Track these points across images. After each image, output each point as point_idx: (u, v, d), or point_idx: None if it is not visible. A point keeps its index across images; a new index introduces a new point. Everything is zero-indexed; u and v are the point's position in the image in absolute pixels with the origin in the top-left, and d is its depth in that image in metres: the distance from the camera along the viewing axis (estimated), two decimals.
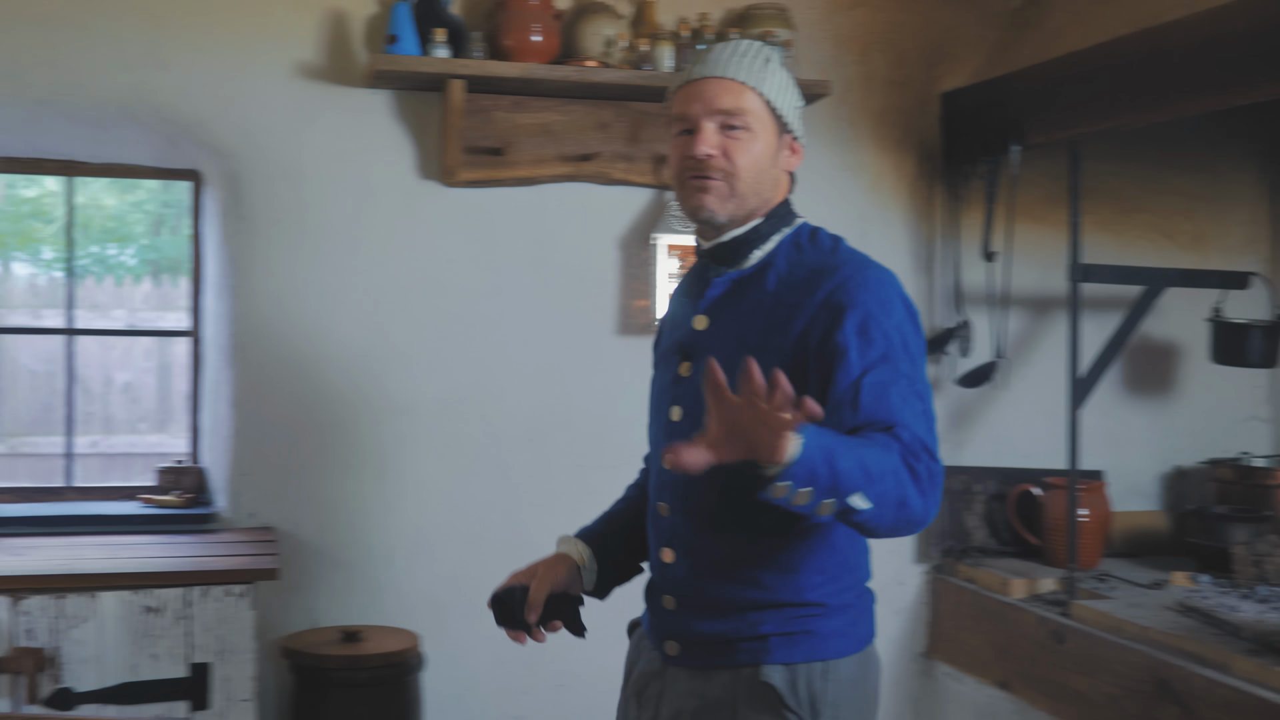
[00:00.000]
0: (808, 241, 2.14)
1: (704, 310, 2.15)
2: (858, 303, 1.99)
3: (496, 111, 3.83)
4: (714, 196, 2.07)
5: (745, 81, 2.07)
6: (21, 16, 3.61)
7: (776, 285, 2.08)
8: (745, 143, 2.07)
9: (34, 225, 6.35)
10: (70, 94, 3.66)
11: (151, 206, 7.07)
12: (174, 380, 7.20)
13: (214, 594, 3.17)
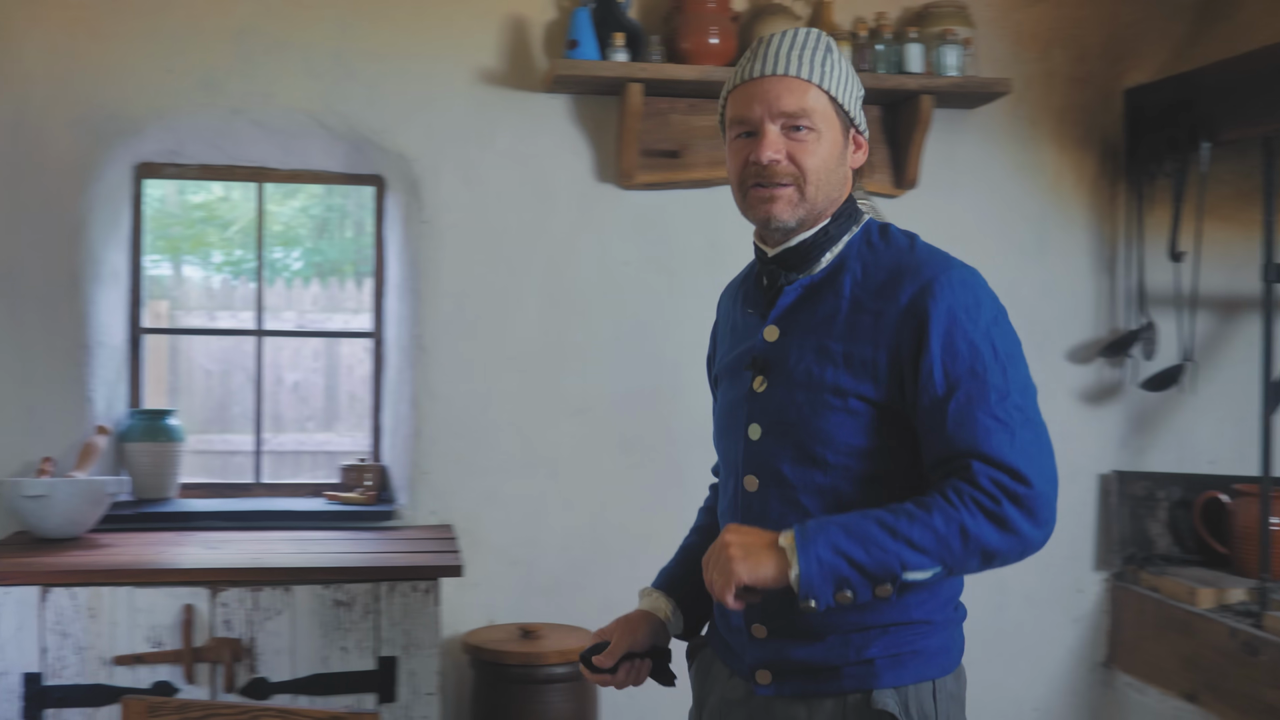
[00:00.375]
0: (879, 239, 1.99)
1: (775, 320, 2.00)
2: (942, 310, 1.86)
3: (673, 114, 3.85)
4: (783, 204, 1.94)
5: (809, 78, 1.92)
6: (219, 30, 3.74)
7: (853, 289, 1.94)
8: (812, 144, 1.93)
9: (205, 230, 6.57)
10: (262, 103, 3.78)
11: (317, 211, 7.26)
12: (340, 380, 7.39)
13: (401, 589, 3.24)
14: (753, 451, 1.99)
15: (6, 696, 3.08)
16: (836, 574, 1.75)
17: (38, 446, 3.71)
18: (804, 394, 1.93)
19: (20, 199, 3.68)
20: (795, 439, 1.94)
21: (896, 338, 1.88)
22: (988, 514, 1.78)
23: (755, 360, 2.01)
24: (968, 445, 1.81)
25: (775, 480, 1.97)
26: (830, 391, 1.91)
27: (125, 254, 3.97)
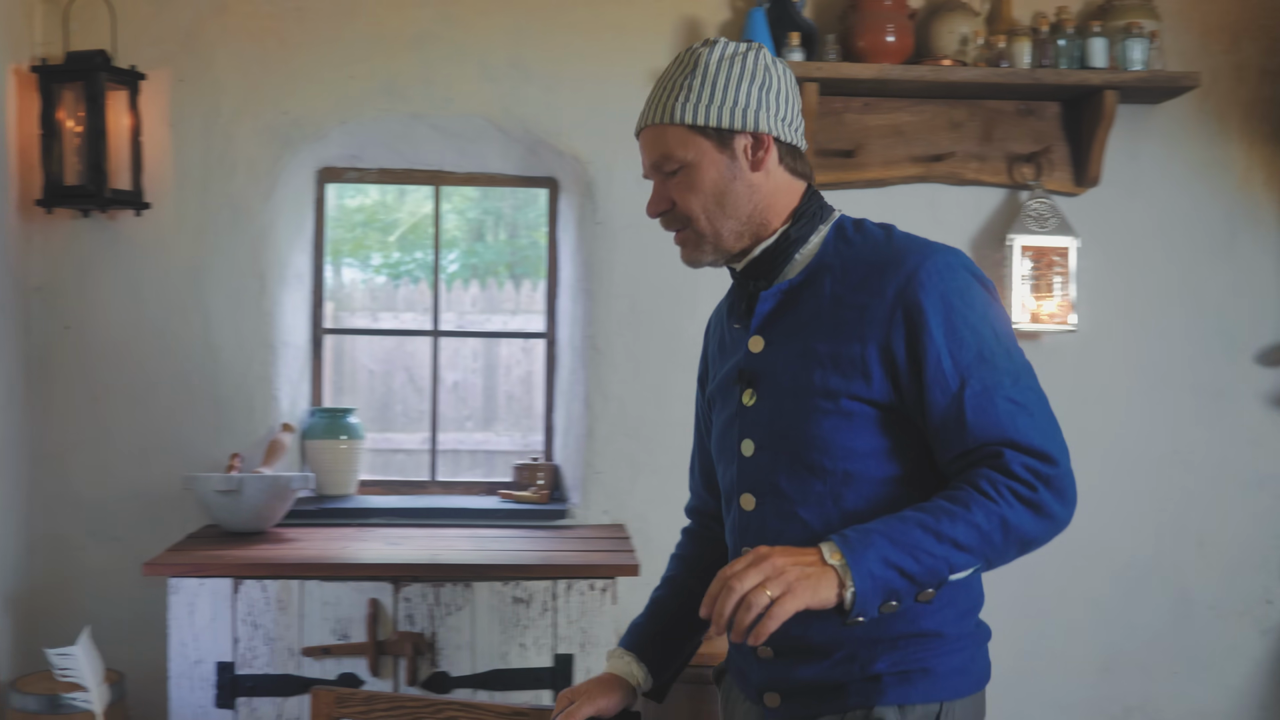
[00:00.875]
0: (854, 233, 1.91)
1: (757, 330, 1.93)
2: (936, 298, 1.78)
3: (848, 113, 3.82)
4: (689, 249, 1.96)
5: (659, 121, 1.89)
6: (399, 37, 3.82)
7: (833, 287, 1.86)
8: (685, 183, 1.89)
9: (365, 234, 6.72)
10: (440, 107, 3.85)
11: (473, 214, 7.37)
12: (499, 380, 7.49)
13: (578, 587, 3.27)
14: (747, 468, 1.92)
15: (201, 684, 3.19)
16: (888, 587, 1.66)
17: (226, 443, 3.83)
18: (792, 401, 1.86)
19: (210, 203, 3.81)
20: (789, 449, 1.86)
21: (886, 331, 1.80)
22: (1025, 502, 1.71)
23: (742, 373, 1.94)
24: (995, 434, 1.74)
25: (772, 495, 1.89)
26: (819, 395, 1.83)
27: (308, 256, 4.08)
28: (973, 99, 3.83)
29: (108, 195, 3.61)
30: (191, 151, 3.80)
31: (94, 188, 3.59)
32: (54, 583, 3.80)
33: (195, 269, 3.82)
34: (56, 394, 3.81)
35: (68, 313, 3.80)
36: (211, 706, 3.19)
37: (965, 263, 1.84)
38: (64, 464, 3.81)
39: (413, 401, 6.52)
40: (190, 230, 3.81)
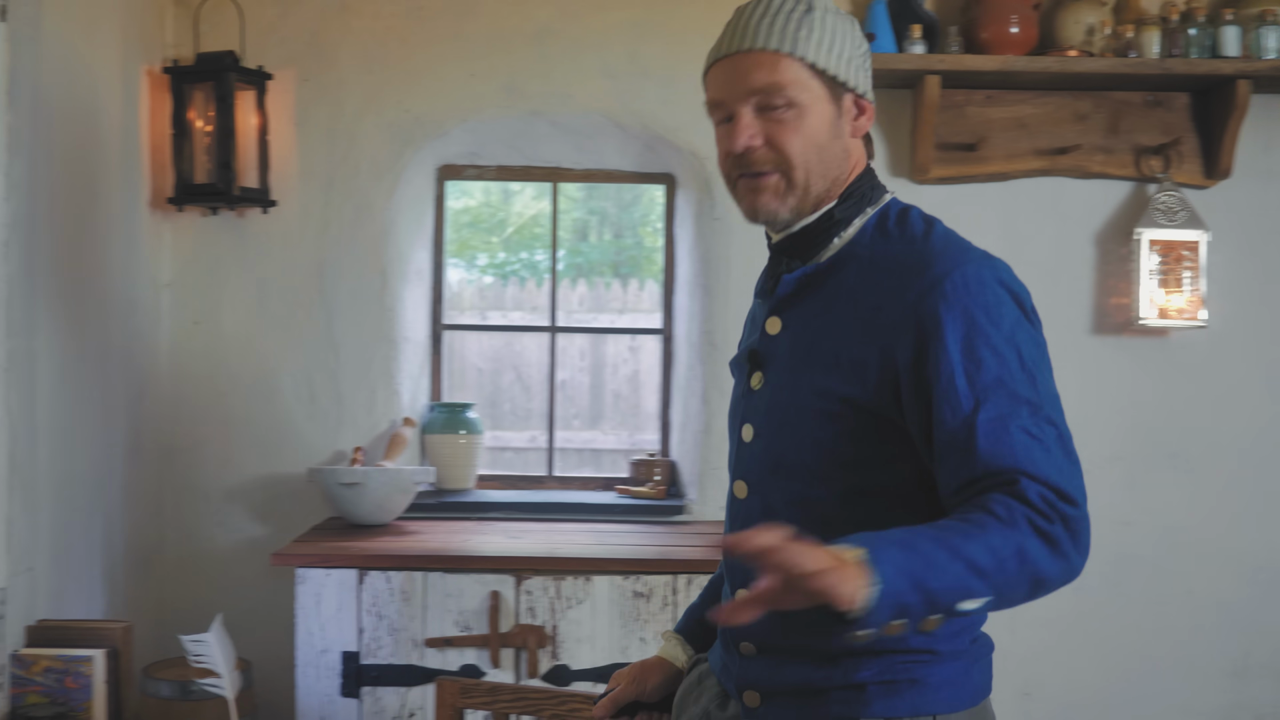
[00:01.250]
0: (895, 226, 1.75)
1: (775, 311, 1.79)
2: (957, 312, 1.60)
3: (969, 106, 3.77)
4: (769, 195, 1.72)
5: (779, 48, 1.69)
6: (519, 34, 3.85)
7: (856, 281, 1.71)
8: (792, 123, 1.69)
9: (471, 234, 6.79)
10: (560, 104, 3.88)
11: (578, 214, 7.41)
12: (606, 379, 7.52)
13: (699, 582, 3.26)
14: (744, 454, 1.80)
15: (327, 673, 3.24)
16: (899, 603, 1.42)
17: (349, 437, 3.89)
18: (790, 394, 1.73)
19: (335, 200, 3.87)
20: (781, 443, 1.73)
21: (893, 337, 1.63)
22: (1041, 535, 1.50)
23: (754, 355, 1.81)
24: (1008, 463, 1.54)
25: (760, 488, 1.77)
26: (815, 392, 1.69)
27: (428, 253, 4.13)
28: (1099, 90, 3.75)
29: (236, 193, 3.69)
30: (316, 150, 3.87)
31: (223, 186, 3.67)
32: (184, 573, 3.88)
33: (319, 265, 3.88)
34: (186, 388, 3.90)
35: (197, 308, 3.89)
36: (337, 695, 3.24)
37: (1002, 275, 1.66)
38: (193, 457, 3.90)
39: (520, 400, 6.57)
40: (315, 227, 3.88)
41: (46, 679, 2.83)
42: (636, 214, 6.90)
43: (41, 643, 2.90)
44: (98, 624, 2.97)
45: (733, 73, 1.71)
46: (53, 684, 2.83)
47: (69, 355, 3.16)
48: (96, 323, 3.35)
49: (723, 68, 1.73)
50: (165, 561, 3.87)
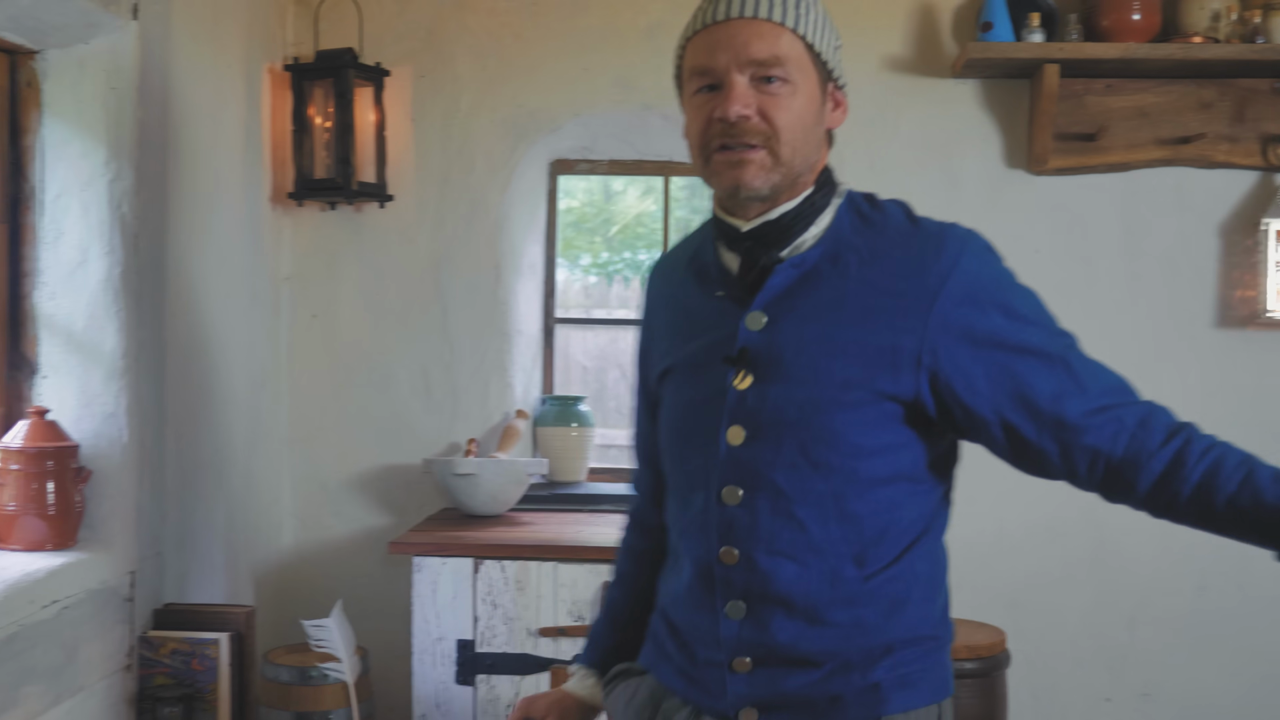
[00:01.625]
0: (871, 210, 1.73)
1: (762, 306, 1.71)
2: (988, 281, 1.66)
3: (1089, 96, 3.70)
4: (755, 169, 1.64)
5: (783, 21, 1.63)
6: (631, 28, 3.87)
7: (862, 270, 1.66)
8: (786, 99, 1.64)
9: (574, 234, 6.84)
10: (671, 98, 3.83)
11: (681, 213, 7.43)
12: None
13: None
14: (736, 458, 1.70)
15: (443, 661, 3.28)
16: None
17: (463, 428, 3.94)
18: (807, 390, 1.66)
19: (450, 195, 3.92)
20: (797, 441, 1.67)
21: (930, 321, 1.62)
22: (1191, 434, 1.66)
23: (742, 353, 1.71)
24: (1110, 396, 1.64)
25: (767, 489, 1.69)
26: (839, 386, 1.65)
27: (540, 247, 4.16)
28: (1224, 78, 3.67)
29: (354, 188, 3.75)
30: (432, 145, 3.92)
31: (342, 180, 3.73)
32: (303, 561, 3.96)
33: (435, 259, 3.93)
34: (304, 379, 3.97)
35: (315, 301, 3.96)
36: (452, 683, 3.28)
37: (986, 240, 1.74)
38: (311, 447, 3.97)
39: (625, 398, 6.59)
40: (430, 221, 3.93)
41: (173, 661, 2.90)
42: None
43: (168, 625, 2.97)
44: (222, 608, 3.04)
45: (729, 39, 1.64)
46: (179, 666, 2.90)
47: (194, 346, 3.24)
48: (220, 315, 3.43)
49: (714, 34, 1.65)
50: (284, 550, 3.95)
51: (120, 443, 2.86)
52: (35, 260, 2.87)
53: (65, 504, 2.73)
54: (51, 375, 2.87)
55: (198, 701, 2.89)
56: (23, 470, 2.67)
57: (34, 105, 2.85)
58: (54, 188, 2.85)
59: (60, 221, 2.86)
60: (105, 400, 2.86)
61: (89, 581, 2.71)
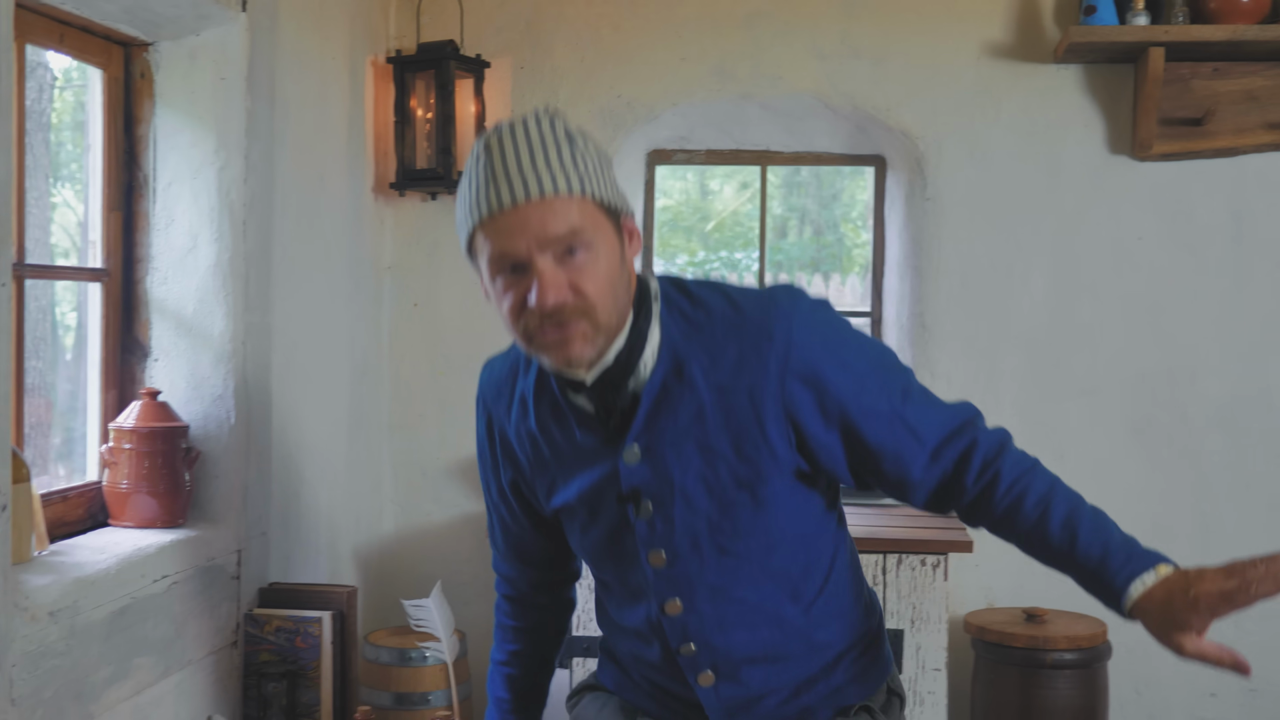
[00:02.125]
0: (693, 309, 1.76)
1: (632, 441, 1.77)
2: (819, 350, 1.72)
3: (1195, 80, 3.64)
4: (580, 343, 1.67)
5: (569, 191, 1.63)
6: (729, 17, 3.88)
7: (707, 377, 1.73)
8: (591, 266, 1.65)
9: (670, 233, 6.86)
10: (769, 86, 3.89)
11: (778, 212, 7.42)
12: None
13: (909, 563, 3.23)
14: (666, 576, 1.82)
15: None
16: None
17: None
18: (704, 502, 1.77)
19: None
20: (714, 546, 1.79)
21: (784, 402, 1.72)
22: (1016, 454, 1.84)
23: (630, 491, 1.79)
24: (941, 430, 1.76)
25: (703, 590, 1.82)
26: (734, 487, 1.75)
27: None
28: None
29: (455, 178, 3.80)
30: None
31: (443, 170, 3.78)
32: (402, 546, 4.02)
33: None
34: (405, 368, 4.03)
35: (416, 290, 4.02)
36: None
37: (815, 302, 1.77)
38: (411, 434, 4.03)
39: None
40: None
41: (278, 638, 2.96)
42: (838, 211, 6.86)
43: (272, 604, 3.04)
44: (325, 587, 3.10)
45: (523, 223, 1.63)
46: (283, 643, 2.96)
47: (299, 332, 3.31)
48: (324, 302, 3.49)
49: (508, 218, 1.64)
50: (385, 535, 4.01)
51: (228, 424, 2.94)
52: (148, 246, 2.95)
53: (175, 483, 2.80)
54: (162, 358, 2.96)
55: (301, 678, 2.95)
56: (135, 449, 2.75)
57: (147, 95, 2.93)
58: (165, 176, 2.93)
59: (171, 209, 2.94)
60: (214, 383, 2.94)
61: (197, 558, 2.79)
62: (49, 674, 2.24)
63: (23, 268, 2.56)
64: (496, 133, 1.67)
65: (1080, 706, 3.40)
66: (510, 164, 1.63)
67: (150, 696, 2.61)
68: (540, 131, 1.66)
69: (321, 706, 2.94)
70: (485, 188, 1.65)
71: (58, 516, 2.68)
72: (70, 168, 3.02)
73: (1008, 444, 1.82)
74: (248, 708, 2.96)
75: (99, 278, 2.89)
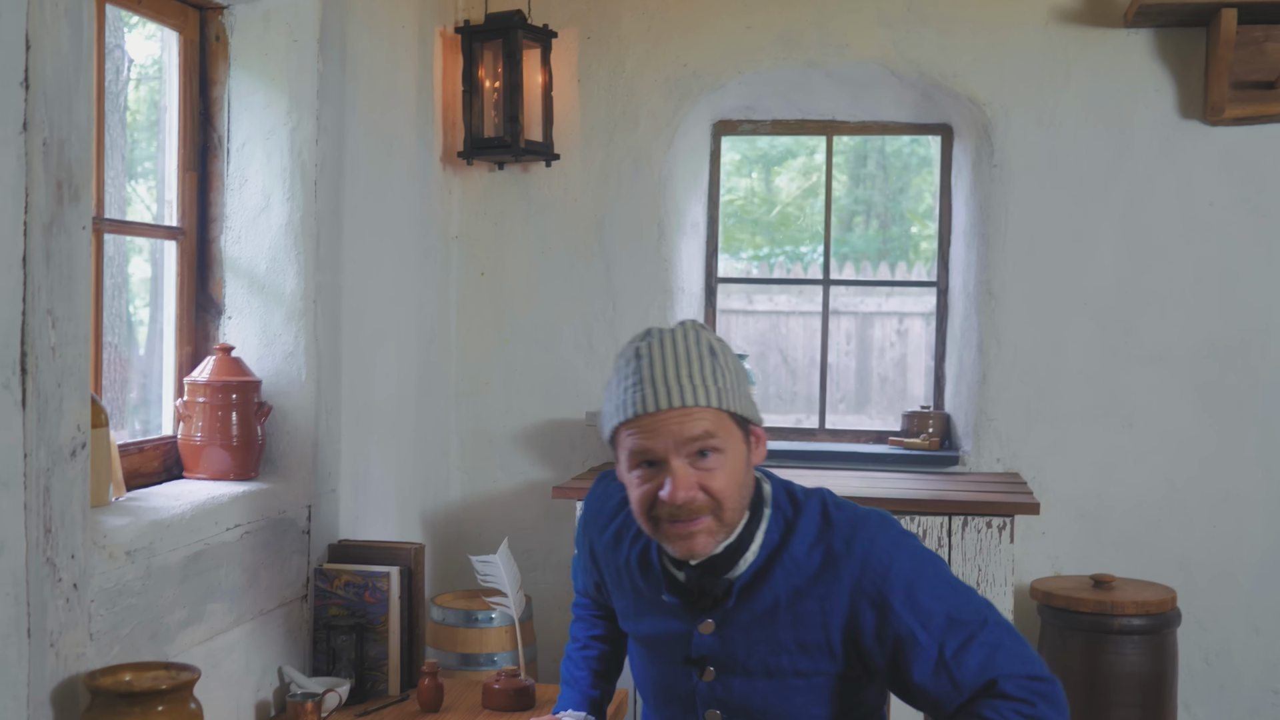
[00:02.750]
0: (794, 515, 1.91)
1: (709, 615, 1.94)
2: (893, 580, 1.82)
3: (1269, 42, 3.59)
4: (704, 537, 1.84)
5: (707, 404, 1.81)
6: None
7: (789, 579, 1.88)
8: (720, 468, 1.83)
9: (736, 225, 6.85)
10: (835, 54, 3.88)
11: (845, 202, 7.39)
12: (872, 363, 7.46)
13: (974, 525, 3.22)
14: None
15: None
16: None
17: None
18: (765, 682, 1.92)
19: (615, 153, 3.98)
20: (766, 713, 1.94)
21: (849, 616, 1.85)
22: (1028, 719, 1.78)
23: (701, 658, 1.96)
24: (984, 677, 1.79)
25: None
26: (792, 675, 1.90)
27: (703, 207, 4.19)
28: None
29: (522, 146, 3.83)
30: (597, 105, 3.99)
31: (510, 139, 3.82)
32: (468, 513, 4.07)
33: (598, 217, 4.00)
34: (471, 336, 4.08)
35: (483, 259, 4.06)
36: None
37: (897, 527, 1.89)
38: (478, 402, 4.07)
39: (786, 384, 6.58)
40: (594, 179, 4.00)
41: (347, 592, 3.00)
42: (903, 204, 6.83)
43: (342, 559, 3.08)
44: (393, 544, 3.14)
45: (663, 425, 1.81)
46: (352, 597, 3.00)
47: (368, 295, 3.35)
48: (393, 267, 3.54)
49: (651, 421, 1.81)
50: (451, 501, 4.06)
51: (299, 381, 2.99)
52: (222, 206, 3.01)
53: (247, 436, 2.85)
54: (236, 316, 3.01)
55: (369, 632, 2.99)
56: (209, 402, 2.81)
57: (222, 58, 2.99)
58: (239, 136, 2.99)
59: (245, 169, 2.99)
60: (285, 340, 2.99)
61: (269, 510, 2.84)
62: (126, 612, 2.30)
63: (101, 222, 2.62)
64: (647, 340, 1.87)
65: (1148, 674, 3.37)
66: (658, 373, 1.82)
67: (223, 642, 2.66)
68: (687, 345, 1.85)
69: (389, 660, 2.98)
70: (634, 391, 1.84)
71: (134, 468, 2.74)
72: (146, 137, 3.08)
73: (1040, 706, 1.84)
74: (317, 660, 3.00)
75: (174, 235, 2.95)
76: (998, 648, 1.82)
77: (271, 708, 2.87)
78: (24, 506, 2.00)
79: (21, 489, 1.99)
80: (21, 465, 1.99)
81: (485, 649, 3.29)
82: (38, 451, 2.02)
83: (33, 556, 2.01)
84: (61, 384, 2.08)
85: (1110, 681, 3.34)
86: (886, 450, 3.95)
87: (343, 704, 2.85)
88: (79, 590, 2.13)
